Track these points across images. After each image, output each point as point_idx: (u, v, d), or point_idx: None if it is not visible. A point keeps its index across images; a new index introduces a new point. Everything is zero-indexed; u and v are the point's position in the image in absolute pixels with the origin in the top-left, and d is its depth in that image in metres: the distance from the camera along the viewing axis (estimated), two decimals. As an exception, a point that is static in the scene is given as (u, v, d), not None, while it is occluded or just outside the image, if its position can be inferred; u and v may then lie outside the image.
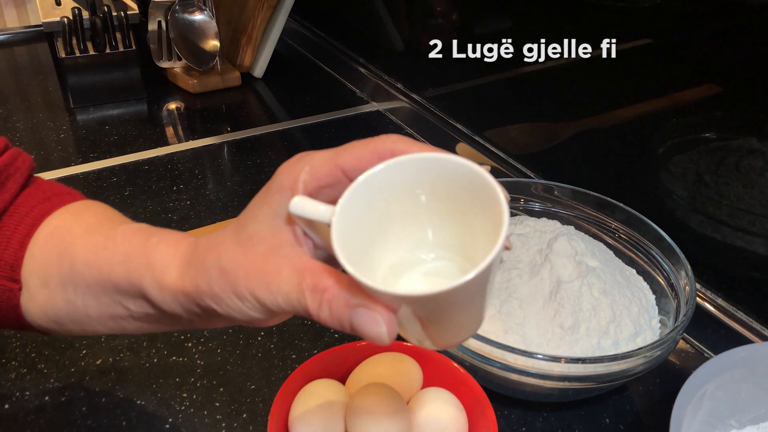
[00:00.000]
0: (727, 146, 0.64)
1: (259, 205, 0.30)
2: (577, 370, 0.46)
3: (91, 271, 0.37)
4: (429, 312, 0.27)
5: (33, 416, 0.51)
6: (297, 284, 0.28)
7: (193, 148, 0.91)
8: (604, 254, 0.58)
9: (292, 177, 0.29)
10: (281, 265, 0.28)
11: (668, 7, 0.64)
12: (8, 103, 1.02)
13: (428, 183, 0.28)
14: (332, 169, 0.28)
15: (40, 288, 0.40)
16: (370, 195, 0.27)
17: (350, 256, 0.26)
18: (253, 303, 0.29)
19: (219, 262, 0.30)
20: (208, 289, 0.30)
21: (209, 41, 1.04)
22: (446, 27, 0.96)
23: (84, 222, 0.41)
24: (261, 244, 0.29)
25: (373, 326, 0.26)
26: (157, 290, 0.33)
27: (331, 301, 0.27)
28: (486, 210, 0.26)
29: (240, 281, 0.29)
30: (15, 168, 0.42)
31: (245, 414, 0.52)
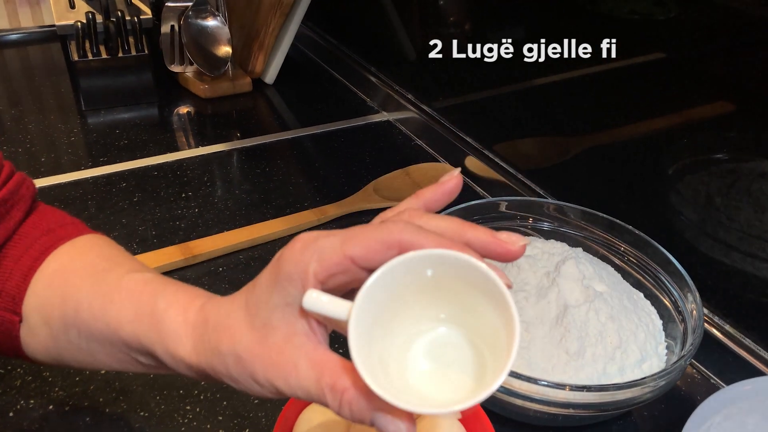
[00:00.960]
0: (739, 168, 0.63)
1: (269, 291, 0.30)
2: (582, 398, 0.46)
3: (97, 323, 0.37)
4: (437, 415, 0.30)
5: (37, 425, 0.51)
6: (315, 380, 0.29)
7: (202, 155, 0.91)
8: (612, 278, 0.57)
9: (300, 267, 0.28)
10: (298, 358, 0.29)
11: (683, 20, 0.63)
12: (21, 103, 1.03)
13: (436, 275, 0.29)
14: (341, 259, 0.28)
15: (41, 326, 0.40)
16: (383, 291, 0.28)
17: (367, 359, 0.27)
18: (271, 389, 0.30)
19: (234, 350, 0.30)
20: (225, 372, 0.31)
21: (221, 47, 1.04)
22: (460, 37, 0.96)
23: (90, 263, 0.41)
24: (275, 333, 0.30)
25: (393, 430, 0.28)
26: (169, 358, 0.34)
27: (351, 402, 0.28)
28: (495, 306, 0.28)
29: (257, 371, 0.30)
30: (20, 196, 0.42)
31: (248, 429, 0.52)
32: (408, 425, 0.28)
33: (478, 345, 0.29)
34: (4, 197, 0.41)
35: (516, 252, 0.29)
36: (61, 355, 0.40)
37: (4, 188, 0.41)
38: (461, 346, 0.30)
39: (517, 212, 0.64)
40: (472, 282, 0.28)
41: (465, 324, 0.30)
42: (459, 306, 0.30)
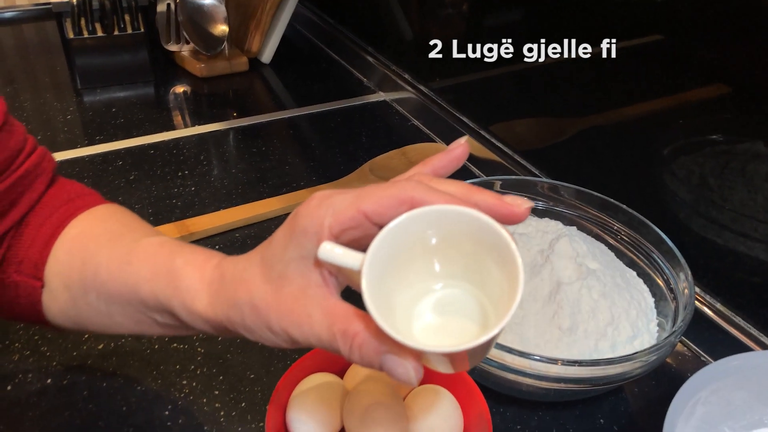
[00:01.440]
0: (733, 150, 0.63)
1: (284, 246, 0.31)
2: (574, 372, 0.46)
3: (115, 283, 0.39)
4: (453, 358, 0.30)
5: (35, 398, 0.52)
6: (328, 328, 0.30)
7: (198, 134, 0.91)
8: (605, 256, 0.58)
9: (315, 221, 0.30)
10: (311, 308, 0.30)
11: (680, 3, 0.63)
12: (15, 82, 1.02)
13: (445, 230, 0.30)
14: (355, 214, 0.29)
15: (62, 290, 0.41)
16: (393, 243, 0.29)
17: (378, 304, 0.28)
18: (285, 338, 0.31)
19: (251, 301, 0.32)
20: (241, 322, 0.33)
21: (218, 25, 1.04)
22: (457, 18, 0.96)
23: (108, 229, 0.42)
24: (290, 285, 0.31)
25: (402, 371, 0.29)
26: (186, 313, 0.35)
27: (361, 346, 0.29)
28: (498, 254, 0.29)
29: (273, 319, 0.31)
30: (42, 168, 0.43)
31: (244, 403, 0.53)
32: (415, 365, 0.29)
33: (483, 302, 0.31)
34: (28, 169, 0.42)
35: (521, 214, 0.30)
36: (80, 319, 0.41)
37: (28, 161, 0.42)
38: (467, 303, 0.31)
39: (512, 191, 0.64)
40: (479, 238, 0.29)
41: (471, 281, 0.31)
42: (466, 263, 0.31)
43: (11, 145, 0.41)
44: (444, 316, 0.31)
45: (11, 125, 0.42)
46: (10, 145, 0.41)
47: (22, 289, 0.42)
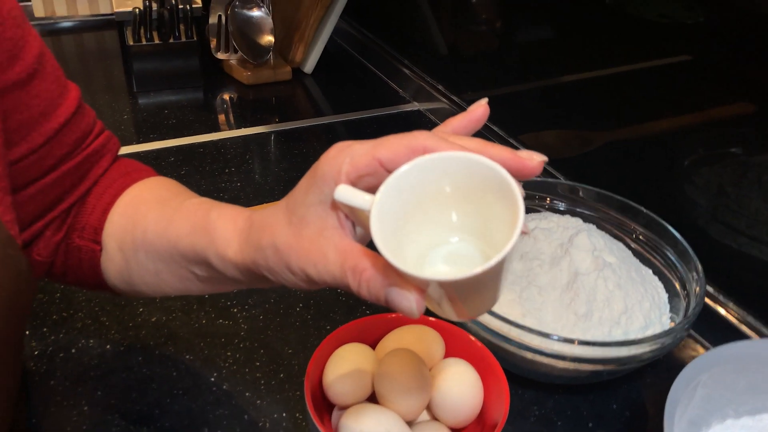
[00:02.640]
0: (750, 161, 0.67)
1: (305, 192, 0.33)
2: (587, 353, 0.50)
3: (161, 240, 0.42)
4: (453, 292, 0.31)
5: (96, 360, 0.57)
6: (340, 265, 0.31)
7: (243, 135, 0.98)
8: (622, 252, 0.62)
9: (334, 167, 0.31)
10: (327, 247, 0.32)
11: (709, 24, 0.66)
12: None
13: (454, 177, 0.31)
14: (370, 161, 0.31)
15: (116, 251, 0.46)
16: (404, 187, 0.31)
17: (386, 241, 0.29)
18: (303, 276, 0.33)
19: (274, 242, 0.34)
20: (265, 264, 0.35)
21: (264, 36, 1.10)
22: (489, 34, 1.01)
23: (157, 195, 0.47)
24: (309, 227, 0.33)
25: (404, 303, 0.30)
26: (219, 261, 0.38)
27: (369, 280, 0.31)
28: (504, 202, 0.29)
29: (292, 260, 0.33)
30: (107, 149, 0.49)
31: (282, 374, 0.58)
32: (417, 297, 0.30)
33: (489, 254, 0.31)
34: (95, 149, 0.47)
35: (533, 167, 0.31)
36: (132, 279, 0.46)
37: (96, 141, 0.48)
38: (477, 256, 0.32)
39: (535, 192, 0.69)
40: (487, 185, 0.30)
41: (479, 232, 0.32)
42: (475, 211, 0.32)
43: (83, 126, 0.46)
44: (454, 266, 0.32)
45: (83, 109, 0.47)
46: (82, 126, 0.46)
47: (84, 252, 0.47)
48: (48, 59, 0.44)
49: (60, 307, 0.63)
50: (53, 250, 0.46)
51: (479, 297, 0.32)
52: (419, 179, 0.31)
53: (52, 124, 0.43)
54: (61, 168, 0.45)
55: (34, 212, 0.44)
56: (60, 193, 0.46)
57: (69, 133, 0.45)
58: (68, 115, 0.44)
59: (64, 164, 0.45)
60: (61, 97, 0.44)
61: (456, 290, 0.30)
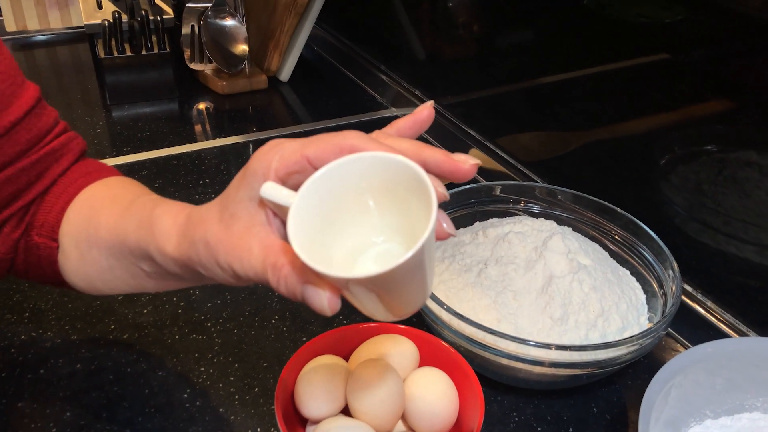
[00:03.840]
0: (726, 158, 0.66)
1: (237, 188, 0.34)
2: (565, 357, 0.49)
3: (111, 236, 0.43)
4: (371, 289, 0.30)
5: (65, 381, 0.56)
6: (262, 261, 0.32)
7: (219, 146, 0.97)
8: (598, 254, 0.61)
9: (264, 164, 0.32)
10: (252, 243, 0.33)
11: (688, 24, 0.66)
12: (50, 99, 1.08)
13: (375, 177, 0.31)
14: (299, 158, 0.31)
15: (72, 248, 0.46)
16: (326, 186, 0.31)
17: (303, 239, 0.29)
18: (230, 272, 0.34)
19: (204, 237, 0.34)
20: (197, 259, 0.35)
21: (239, 45, 1.09)
22: (466, 38, 1.00)
23: (112, 192, 0.47)
24: (238, 223, 0.33)
25: (316, 300, 0.31)
26: (160, 256, 0.39)
27: (286, 277, 0.31)
28: (422, 200, 0.29)
29: (220, 255, 0.34)
30: (69, 148, 0.49)
31: (257, 388, 0.56)
32: (330, 295, 0.31)
33: (413, 237, 0.31)
34: (55, 147, 0.47)
35: (466, 170, 0.32)
36: (88, 276, 0.46)
37: (56, 141, 0.48)
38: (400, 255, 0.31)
39: (511, 195, 0.68)
40: (406, 184, 0.30)
41: (406, 232, 0.32)
42: (400, 210, 0.32)
43: (40, 125, 0.47)
44: (380, 261, 0.32)
45: (42, 109, 0.48)
46: (39, 125, 0.47)
47: (42, 250, 0.47)
48: (2, 59, 0.44)
49: (29, 327, 0.61)
50: (12, 246, 0.47)
51: (401, 295, 0.32)
52: (342, 178, 0.31)
53: (3, 122, 0.44)
54: (15, 165, 0.45)
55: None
56: (15, 190, 0.46)
57: (22, 131, 0.45)
58: (21, 114, 0.45)
59: (18, 162, 0.45)
60: (14, 95, 0.45)
61: (373, 288, 0.30)
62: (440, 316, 0.52)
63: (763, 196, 0.61)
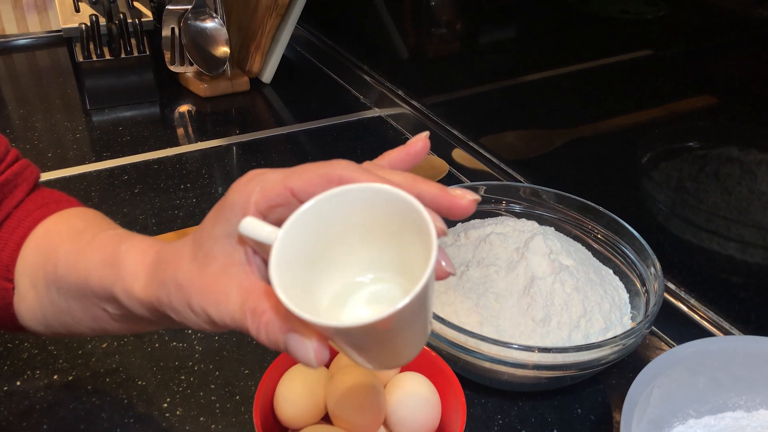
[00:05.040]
0: (708, 155, 0.66)
1: (213, 223, 0.31)
2: (548, 359, 0.49)
3: (70, 275, 0.39)
4: (362, 339, 0.27)
5: (42, 392, 0.55)
6: (241, 306, 0.29)
7: (201, 149, 0.96)
8: (580, 254, 0.61)
9: (243, 196, 0.29)
10: (230, 286, 0.29)
11: (672, 19, 0.66)
12: (29, 104, 1.07)
13: (369, 210, 0.28)
14: (282, 190, 0.29)
15: (29, 289, 0.42)
16: (313, 221, 0.28)
17: (288, 282, 0.27)
18: (204, 317, 0.31)
19: (175, 278, 0.31)
20: (167, 302, 0.32)
21: (220, 47, 1.08)
22: (450, 37, 1.00)
23: (72, 226, 0.43)
24: (214, 263, 0.30)
25: (302, 351, 0.27)
26: (126, 297, 0.35)
27: (267, 324, 0.28)
28: (420, 237, 0.27)
29: (193, 298, 0.30)
30: (23, 178, 0.45)
31: (238, 396, 0.56)
32: (317, 345, 0.27)
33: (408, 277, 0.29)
34: (8, 178, 0.44)
35: (465, 206, 0.29)
36: (46, 319, 0.42)
37: (8, 171, 0.44)
38: (396, 296, 0.29)
39: (494, 195, 0.68)
40: (402, 219, 0.28)
41: (401, 270, 0.30)
42: (394, 247, 0.29)
43: None
44: (376, 308, 0.29)
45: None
46: None
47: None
48: None
49: (4, 338, 0.60)
50: None
51: (398, 343, 0.29)
52: (330, 213, 0.28)
53: None
54: None
55: None
56: None
57: None
58: None
59: None
60: None
61: (367, 337, 0.27)
62: (422, 319, 0.52)
63: (745, 192, 0.61)
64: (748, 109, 0.60)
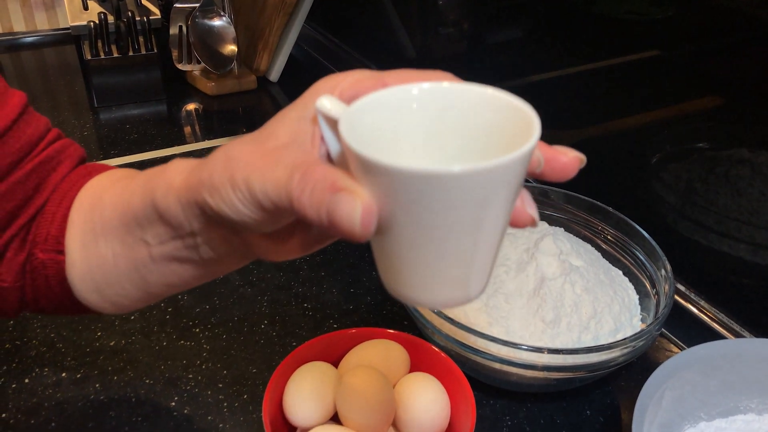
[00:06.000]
0: (718, 156, 0.66)
1: (290, 108, 0.29)
2: (557, 361, 0.49)
3: (115, 211, 0.38)
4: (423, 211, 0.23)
5: (50, 390, 0.55)
6: (290, 171, 0.26)
7: (208, 147, 0.96)
8: (590, 254, 0.60)
9: (331, 83, 0.28)
10: (283, 157, 0.27)
11: (679, 20, 0.66)
12: (37, 101, 1.07)
13: (463, 110, 0.26)
14: (375, 82, 0.27)
15: (79, 251, 0.41)
16: (399, 104, 0.26)
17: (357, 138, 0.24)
18: (245, 193, 0.28)
19: (227, 152, 0.29)
20: (208, 180, 0.29)
21: (227, 46, 1.08)
22: (457, 36, 1.00)
23: (115, 177, 0.43)
24: (274, 141, 0.28)
25: (347, 210, 0.24)
26: (164, 196, 0.33)
27: (316, 183, 0.25)
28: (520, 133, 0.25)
29: (239, 169, 0.28)
30: (66, 155, 0.45)
31: (246, 395, 0.56)
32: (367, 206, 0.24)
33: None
34: (50, 155, 0.43)
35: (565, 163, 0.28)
36: (95, 280, 0.41)
37: (50, 148, 0.44)
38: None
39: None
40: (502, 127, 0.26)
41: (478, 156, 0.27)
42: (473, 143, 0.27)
43: (29, 133, 0.42)
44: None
45: (30, 116, 0.43)
46: (28, 132, 0.42)
47: (49, 267, 0.42)
48: None
49: (13, 335, 0.60)
50: (19, 272, 0.42)
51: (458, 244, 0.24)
52: (421, 101, 0.26)
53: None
54: (8, 179, 0.41)
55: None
56: (14, 207, 0.42)
57: (12, 140, 0.41)
58: (8, 122, 0.41)
59: (11, 174, 0.41)
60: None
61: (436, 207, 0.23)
62: (431, 320, 0.52)
63: (756, 194, 0.61)
64: (759, 110, 0.60)
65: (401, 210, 0.23)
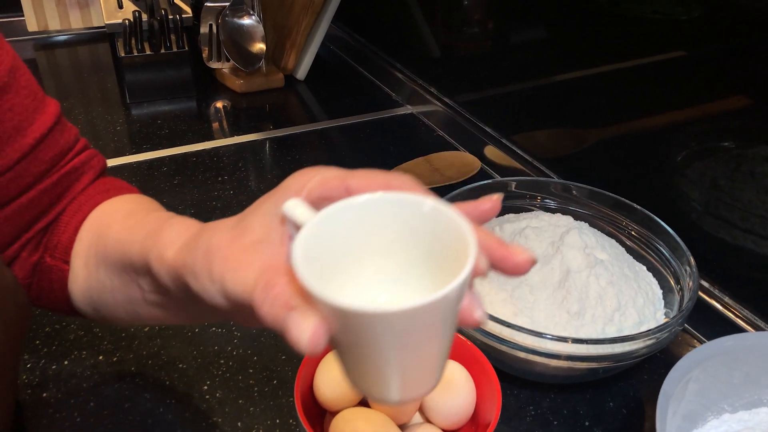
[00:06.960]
0: (743, 154, 0.66)
1: (264, 201, 0.31)
2: (581, 350, 0.50)
3: (116, 250, 0.40)
4: (373, 335, 0.25)
5: (89, 371, 0.57)
6: (257, 276, 0.28)
7: (237, 143, 0.98)
8: (615, 249, 0.61)
9: (300, 182, 0.30)
10: (255, 259, 0.29)
11: (704, 20, 0.66)
12: (71, 98, 1.10)
13: (414, 224, 0.28)
14: (339, 185, 0.29)
15: (82, 268, 0.44)
16: (357, 217, 0.28)
17: (308, 259, 0.26)
18: (219, 286, 0.30)
19: (208, 242, 0.31)
20: (191, 265, 0.32)
21: (256, 44, 1.10)
22: (481, 35, 1.01)
23: (127, 208, 0.45)
24: (249, 236, 0.30)
25: (297, 330, 0.25)
26: (157, 263, 0.35)
27: (275, 297, 0.27)
28: (458, 262, 0.25)
29: (216, 263, 0.30)
30: (90, 166, 0.47)
31: (275, 380, 0.57)
32: (317, 327, 0.25)
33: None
34: (75, 166, 0.46)
35: (518, 262, 0.28)
36: (92, 299, 0.44)
37: (76, 158, 0.46)
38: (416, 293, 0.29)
39: (526, 191, 0.68)
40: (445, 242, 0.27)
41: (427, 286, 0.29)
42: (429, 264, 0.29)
43: (62, 142, 0.45)
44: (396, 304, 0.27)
45: (63, 125, 0.46)
46: (61, 142, 0.45)
47: (54, 273, 0.45)
48: (22, 73, 0.43)
49: (52, 320, 0.63)
50: (30, 271, 0.45)
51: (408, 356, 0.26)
52: (376, 214, 0.28)
53: (28, 140, 0.42)
54: (38, 186, 0.43)
55: (12, 233, 0.43)
56: (37, 213, 0.44)
57: (46, 149, 0.43)
58: (45, 131, 0.43)
59: (41, 182, 0.44)
60: (36, 111, 0.43)
61: (375, 333, 0.25)
62: (457, 309, 0.53)
63: (782, 191, 0.61)
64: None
65: (340, 333, 0.26)
